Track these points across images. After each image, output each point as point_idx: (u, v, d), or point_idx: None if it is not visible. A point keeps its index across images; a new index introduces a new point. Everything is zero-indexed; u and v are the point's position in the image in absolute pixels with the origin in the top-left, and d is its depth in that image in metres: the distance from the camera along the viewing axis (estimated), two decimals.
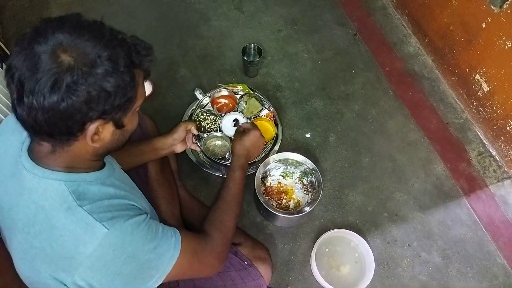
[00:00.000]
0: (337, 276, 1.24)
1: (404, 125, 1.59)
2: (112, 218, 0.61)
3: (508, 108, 1.38)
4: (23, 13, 1.80)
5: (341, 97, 1.65)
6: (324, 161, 1.48)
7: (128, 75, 0.59)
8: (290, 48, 1.78)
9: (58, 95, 0.53)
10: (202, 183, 1.40)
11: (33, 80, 0.53)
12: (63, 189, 0.61)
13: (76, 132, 0.58)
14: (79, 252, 0.59)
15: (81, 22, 0.58)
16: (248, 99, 1.29)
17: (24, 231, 0.62)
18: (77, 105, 0.54)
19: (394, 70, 1.73)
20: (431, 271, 1.29)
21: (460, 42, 1.52)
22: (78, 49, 0.55)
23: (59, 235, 0.59)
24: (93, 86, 0.55)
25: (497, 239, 1.35)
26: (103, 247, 0.60)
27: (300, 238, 1.32)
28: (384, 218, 1.38)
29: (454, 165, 1.49)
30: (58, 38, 0.55)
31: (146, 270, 0.65)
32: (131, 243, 0.62)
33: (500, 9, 1.30)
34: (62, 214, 0.60)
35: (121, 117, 0.62)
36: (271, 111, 1.33)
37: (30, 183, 0.61)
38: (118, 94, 0.58)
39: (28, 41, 0.55)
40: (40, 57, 0.53)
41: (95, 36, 0.57)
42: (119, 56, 0.57)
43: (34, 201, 0.61)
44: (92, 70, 0.55)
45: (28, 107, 0.54)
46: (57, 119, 0.55)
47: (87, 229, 0.59)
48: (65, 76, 0.53)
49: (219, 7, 1.89)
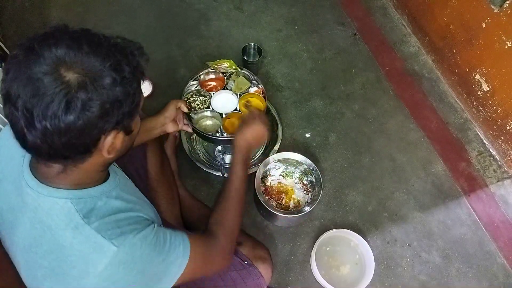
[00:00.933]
0: (337, 276, 1.24)
1: (404, 125, 1.59)
2: (121, 235, 0.60)
3: (508, 108, 1.38)
4: (23, 13, 1.80)
5: (341, 97, 1.65)
6: (324, 161, 1.48)
7: (134, 80, 0.58)
8: (290, 48, 1.78)
9: (74, 114, 0.51)
10: (202, 183, 1.40)
11: (43, 105, 0.50)
12: (69, 207, 0.59)
13: (92, 148, 0.57)
14: (88, 272, 0.58)
15: (74, 34, 0.55)
16: (236, 78, 1.27)
17: (32, 251, 0.61)
18: (93, 121, 0.53)
19: (394, 69, 1.73)
20: (431, 271, 1.29)
21: (460, 41, 1.52)
22: (81, 64, 0.52)
23: (67, 255, 0.58)
24: (106, 98, 0.53)
25: (497, 239, 1.35)
26: (113, 266, 0.59)
27: (300, 238, 1.32)
28: (384, 218, 1.38)
29: (454, 164, 1.49)
30: (56, 55, 0.52)
31: (156, 281, 0.65)
32: (140, 258, 0.62)
33: (500, 9, 1.30)
34: (69, 233, 0.58)
35: (129, 123, 0.62)
36: (260, 88, 1.29)
37: (35, 202, 0.60)
38: (127, 101, 0.57)
39: (23, 63, 0.51)
40: (42, 80, 0.50)
41: (93, 47, 0.54)
42: (121, 63, 0.56)
43: (40, 221, 0.60)
44: (101, 82, 0.53)
45: (42, 133, 0.51)
46: (74, 139, 0.53)
47: (96, 248, 0.58)
48: (79, 94, 0.51)
49: (219, 7, 1.89)
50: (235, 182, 0.91)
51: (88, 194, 0.62)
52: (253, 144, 0.99)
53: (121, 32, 1.96)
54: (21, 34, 1.72)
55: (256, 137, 0.99)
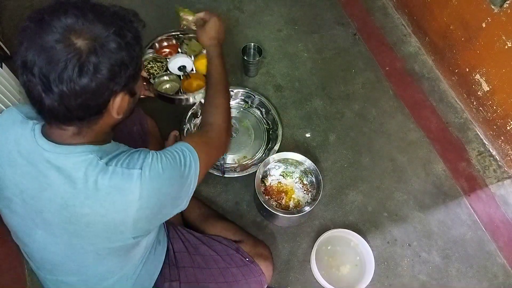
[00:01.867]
0: (337, 275, 1.24)
1: (404, 124, 1.58)
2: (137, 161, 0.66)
3: (508, 108, 1.38)
4: (23, 13, 1.80)
5: (341, 97, 1.65)
6: (324, 160, 1.48)
7: (137, 45, 0.63)
8: (290, 47, 1.78)
9: (87, 77, 0.56)
10: (202, 183, 1.39)
11: (58, 70, 0.54)
12: (91, 157, 0.63)
13: (103, 109, 0.63)
14: (129, 200, 0.64)
15: (78, 4, 0.59)
16: (189, 41, 1.28)
17: (69, 205, 0.63)
18: (104, 82, 0.58)
19: (394, 69, 1.73)
20: (431, 271, 1.29)
21: (460, 41, 1.52)
22: (89, 31, 0.57)
23: (106, 194, 0.63)
24: (114, 61, 0.58)
25: (497, 239, 1.35)
26: (146, 184, 0.64)
27: (300, 237, 1.32)
28: (384, 217, 1.38)
29: (454, 164, 1.49)
30: (66, 24, 0.56)
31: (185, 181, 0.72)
32: (164, 168, 0.68)
33: (500, 9, 1.30)
34: (98, 176, 0.63)
35: (134, 85, 0.67)
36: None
37: (57, 162, 0.63)
38: (132, 64, 0.62)
39: (35, 33, 0.56)
40: (55, 47, 0.55)
41: (97, 15, 0.59)
42: (123, 29, 0.60)
43: (67, 176, 0.63)
44: (108, 47, 0.58)
45: (59, 95, 0.56)
46: (89, 100, 0.58)
47: (125, 178, 0.63)
48: (90, 59, 0.56)
49: (219, 7, 1.89)
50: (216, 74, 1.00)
51: (103, 149, 0.67)
52: (218, 36, 1.06)
53: None
54: None
55: (218, 29, 1.06)
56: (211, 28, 1.05)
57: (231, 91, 1.54)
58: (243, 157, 1.44)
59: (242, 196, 1.38)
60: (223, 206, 1.36)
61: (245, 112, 1.56)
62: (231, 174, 1.37)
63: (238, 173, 1.37)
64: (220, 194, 1.38)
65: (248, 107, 1.56)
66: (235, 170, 1.40)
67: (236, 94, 1.55)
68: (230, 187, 1.40)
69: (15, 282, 1.13)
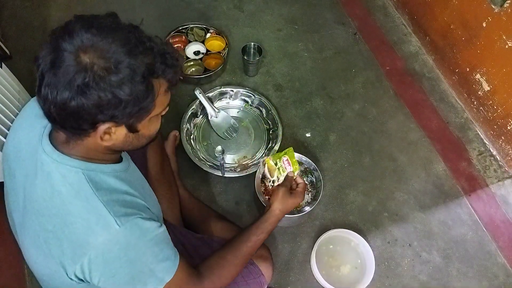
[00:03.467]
0: (338, 276, 1.24)
1: (404, 124, 1.58)
2: (125, 215, 0.62)
3: (508, 108, 1.38)
4: (23, 13, 1.79)
5: (342, 96, 1.64)
6: (324, 160, 1.47)
7: (144, 85, 0.57)
8: (290, 47, 1.77)
9: (69, 93, 0.54)
10: (202, 183, 1.40)
11: (52, 74, 0.54)
12: (81, 177, 0.62)
13: (88, 129, 0.59)
14: (88, 241, 0.60)
15: (111, 24, 0.58)
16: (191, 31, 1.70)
17: (40, 213, 0.63)
18: (86, 107, 0.55)
19: (394, 69, 1.73)
20: (432, 271, 1.29)
21: (460, 41, 1.51)
22: (98, 52, 0.55)
23: (72, 221, 0.61)
24: (104, 92, 0.55)
25: (497, 239, 1.35)
26: (111, 243, 0.60)
27: (300, 238, 1.32)
28: (385, 217, 1.38)
29: (454, 164, 1.49)
30: (83, 37, 0.55)
31: (135, 283, 0.64)
32: (135, 247, 0.63)
33: (500, 8, 1.29)
34: (78, 201, 0.61)
35: (134, 123, 0.62)
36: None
37: (48, 167, 0.62)
38: (130, 103, 0.57)
39: (57, 36, 0.56)
40: (63, 54, 0.54)
41: (120, 40, 0.56)
42: (139, 65, 0.56)
43: (52, 185, 0.62)
44: (107, 75, 0.54)
45: (43, 98, 0.56)
46: (67, 115, 0.56)
47: (100, 220, 0.60)
48: (78, 76, 0.54)
49: (218, 6, 1.89)
50: (253, 245, 0.90)
51: (99, 169, 0.65)
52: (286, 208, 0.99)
53: None
54: (21, 34, 1.72)
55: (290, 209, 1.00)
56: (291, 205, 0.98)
57: (231, 91, 1.54)
58: (243, 157, 1.44)
59: (242, 196, 1.38)
60: (223, 206, 1.36)
61: (245, 111, 1.56)
62: (231, 174, 1.37)
63: (238, 173, 1.37)
64: (220, 194, 1.38)
65: (248, 107, 1.56)
66: (235, 170, 1.39)
67: (236, 94, 1.55)
68: (230, 187, 1.39)
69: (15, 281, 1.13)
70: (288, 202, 0.99)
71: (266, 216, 0.96)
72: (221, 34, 1.70)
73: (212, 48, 1.67)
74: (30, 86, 1.35)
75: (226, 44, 1.67)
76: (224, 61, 1.63)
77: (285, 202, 0.98)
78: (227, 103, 1.56)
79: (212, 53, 1.65)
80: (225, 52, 1.65)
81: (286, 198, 0.99)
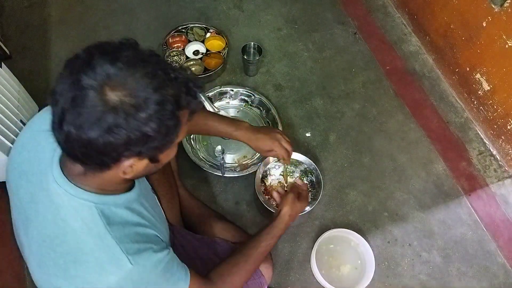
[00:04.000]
0: (337, 275, 1.24)
1: (404, 124, 1.58)
2: (137, 252, 0.62)
3: (508, 107, 1.38)
4: (23, 13, 1.79)
5: (342, 96, 1.64)
6: (324, 160, 1.47)
7: (173, 120, 0.56)
8: (290, 47, 1.77)
9: (97, 132, 0.51)
10: (202, 183, 1.40)
11: (76, 113, 0.51)
12: (94, 212, 0.61)
13: (111, 164, 0.57)
14: (100, 280, 0.60)
15: (137, 55, 0.55)
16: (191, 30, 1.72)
17: (49, 248, 0.61)
18: (114, 145, 0.53)
19: (394, 69, 1.73)
20: (432, 271, 1.29)
21: (460, 41, 1.51)
22: (127, 89, 0.52)
23: (85, 260, 0.60)
24: (134, 130, 0.53)
25: (497, 239, 1.35)
26: (124, 281, 0.60)
27: (300, 237, 1.32)
28: (385, 217, 1.38)
29: (454, 164, 1.49)
30: (108, 72, 0.51)
31: None
32: (148, 280, 0.64)
33: (500, 8, 1.29)
34: (91, 239, 0.60)
35: (157, 154, 0.61)
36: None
37: (60, 199, 0.61)
38: (158, 138, 0.56)
39: (78, 68, 0.52)
40: (86, 91, 0.51)
41: (147, 75, 0.53)
42: (168, 100, 0.54)
43: (63, 219, 0.60)
44: (136, 113, 0.52)
45: (65, 135, 0.52)
46: (92, 152, 0.54)
47: (113, 260, 0.60)
48: (108, 116, 0.51)
49: (218, 6, 1.89)
50: (262, 250, 0.93)
51: (112, 201, 0.64)
52: (292, 220, 1.04)
53: (120, 31, 1.96)
54: (21, 34, 1.72)
55: (298, 213, 1.06)
56: (298, 210, 1.04)
57: (231, 91, 1.54)
58: (243, 157, 1.44)
59: (242, 196, 1.38)
60: (223, 206, 1.36)
61: (245, 111, 1.56)
62: (231, 174, 1.37)
63: (238, 173, 1.37)
64: (220, 194, 1.38)
65: (248, 107, 1.56)
66: (235, 170, 1.39)
67: (236, 94, 1.55)
68: (230, 187, 1.39)
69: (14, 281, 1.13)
70: (297, 207, 1.04)
71: (276, 222, 0.99)
72: (221, 33, 1.71)
73: (212, 48, 1.68)
74: (30, 86, 1.35)
75: (226, 44, 1.67)
76: (224, 60, 1.63)
77: (294, 208, 1.03)
78: (227, 102, 1.56)
79: (212, 53, 1.66)
80: (225, 51, 1.66)
81: (295, 203, 1.04)
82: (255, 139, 1.03)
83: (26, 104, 1.30)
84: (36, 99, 1.41)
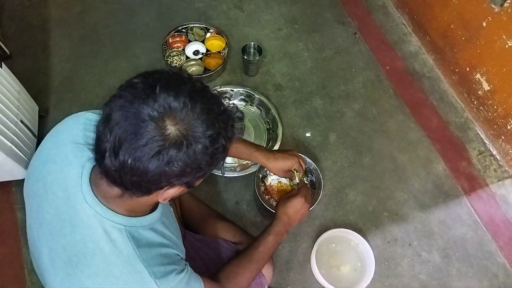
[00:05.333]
0: (337, 275, 1.24)
1: (404, 124, 1.58)
2: (164, 276, 0.62)
3: (508, 107, 1.38)
4: (23, 12, 1.79)
5: (342, 96, 1.64)
6: (324, 160, 1.47)
7: (224, 153, 0.58)
8: (290, 47, 1.77)
9: (155, 164, 0.51)
10: (202, 183, 1.38)
11: (135, 144, 0.50)
12: (123, 235, 0.61)
13: (153, 190, 0.58)
14: None
15: (195, 89, 0.55)
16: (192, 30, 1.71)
17: (77, 268, 0.61)
18: (168, 176, 0.54)
19: (394, 69, 1.73)
20: (432, 271, 1.29)
21: (460, 41, 1.51)
22: (188, 124, 0.52)
23: (114, 283, 0.60)
24: (191, 163, 0.54)
25: (497, 239, 1.35)
26: None
27: (300, 237, 1.32)
28: (385, 217, 1.38)
29: (454, 164, 1.49)
30: (170, 106, 0.51)
31: None
32: None
33: (500, 8, 1.29)
34: (121, 262, 0.60)
35: (196, 182, 0.62)
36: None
37: (90, 220, 0.60)
38: (207, 169, 0.57)
39: (138, 97, 0.52)
40: (147, 123, 0.50)
41: (205, 110, 0.54)
42: (220, 134, 0.56)
43: (93, 240, 0.60)
44: (196, 147, 0.53)
45: (120, 164, 0.52)
46: (144, 181, 0.54)
47: (141, 283, 0.60)
48: (170, 150, 0.51)
49: (218, 6, 1.89)
50: (262, 250, 0.93)
51: (140, 223, 0.64)
52: (292, 218, 1.01)
53: (120, 31, 1.95)
54: (21, 34, 1.72)
55: (297, 215, 1.02)
56: (295, 209, 1.01)
57: (231, 91, 1.54)
58: None
59: (242, 196, 1.38)
60: (223, 206, 1.36)
61: (245, 111, 1.56)
62: (231, 173, 1.37)
63: (238, 173, 1.37)
64: (220, 194, 1.38)
65: (248, 107, 1.56)
66: (235, 169, 1.39)
67: (236, 94, 1.55)
68: (230, 187, 1.39)
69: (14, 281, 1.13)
70: (292, 202, 1.02)
71: (274, 222, 1.00)
72: (221, 33, 1.71)
73: (212, 48, 1.68)
74: (30, 86, 1.35)
75: (226, 44, 1.67)
76: (224, 60, 1.63)
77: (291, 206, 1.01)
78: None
79: (212, 53, 1.66)
80: (225, 51, 1.66)
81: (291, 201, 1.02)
82: (273, 159, 1.06)
83: (26, 104, 1.30)
84: (36, 99, 1.41)
